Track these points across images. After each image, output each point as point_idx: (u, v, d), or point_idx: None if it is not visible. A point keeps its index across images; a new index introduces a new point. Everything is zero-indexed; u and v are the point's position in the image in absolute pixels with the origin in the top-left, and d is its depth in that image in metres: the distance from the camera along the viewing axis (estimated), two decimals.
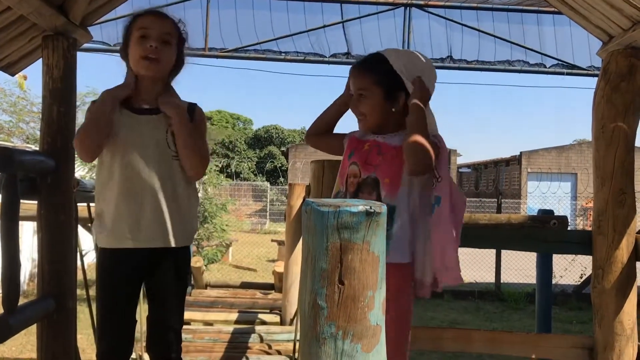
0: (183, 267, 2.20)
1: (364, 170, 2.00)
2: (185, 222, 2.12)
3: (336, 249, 0.91)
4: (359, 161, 2.03)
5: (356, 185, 2.00)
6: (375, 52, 2.12)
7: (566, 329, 6.54)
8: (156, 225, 2.04)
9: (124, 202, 2.03)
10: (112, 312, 2.11)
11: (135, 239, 2.04)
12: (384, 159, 1.98)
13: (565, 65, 6.26)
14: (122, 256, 2.06)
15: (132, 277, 2.11)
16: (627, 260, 2.49)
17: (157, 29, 2.02)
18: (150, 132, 2.05)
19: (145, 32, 2.01)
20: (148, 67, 2.02)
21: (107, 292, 2.12)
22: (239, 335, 4.40)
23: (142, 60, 2.01)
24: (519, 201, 22.58)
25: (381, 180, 1.95)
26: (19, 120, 12.45)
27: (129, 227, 2.03)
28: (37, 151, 2.62)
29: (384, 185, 1.95)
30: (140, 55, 2.01)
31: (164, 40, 2.04)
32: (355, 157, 2.05)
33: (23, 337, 4.99)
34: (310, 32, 6.27)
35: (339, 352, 0.92)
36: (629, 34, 2.37)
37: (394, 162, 1.96)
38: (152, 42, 2.00)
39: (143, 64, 2.02)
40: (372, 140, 2.05)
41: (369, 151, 2.03)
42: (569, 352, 2.64)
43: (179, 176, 2.09)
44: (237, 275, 10.01)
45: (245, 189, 25.58)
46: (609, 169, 2.52)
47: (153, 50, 2.00)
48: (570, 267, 8.59)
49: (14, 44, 2.71)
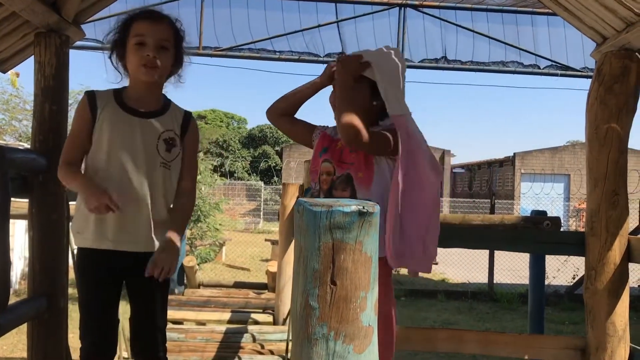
0: None
1: (339, 169, 2.03)
2: (168, 227, 2.09)
3: (328, 249, 0.91)
4: (332, 159, 2.06)
5: (330, 182, 2.04)
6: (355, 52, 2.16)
7: (558, 329, 6.56)
8: (141, 229, 2.03)
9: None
10: (93, 311, 2.08)
11: (117, 241, 2.02)
12: (357, 155, 2.00)
13: (559, 66, 6.28)
14: (102, 257, 2.04)
15: (111, 278, 2.08)
16: (619, 261, 2.50)
17: (153, 36, 2.01)
18: (141, 135, 2.04)
19: (142, 39, 2.00)
20: (147, 74, 2.02)
21: (86, 292, 2.10)
22: (232, 335, 4.39)
23: (141, 67, 2.01)
24: (512, 202, 22.63)
25: (354, 175, 1.99)
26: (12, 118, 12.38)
27: (112, 229, 2.01)
28: (28, 149, 2.61)
29: (357, 180, 1.99)
30: (139, 63, 2.01)
31: (161, 46, 2.03)
32: (328, 154, 2.08)
33: (14, 336, 4.95)
34: (305, 31, 6.26)
35: (330, 353, 0.91)
36: (623, 36, 2.38)
37: (365, 157, 2.00)
38: (150, 51, 1.99)
39: (142, 71, 2.01)
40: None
41: (342, 149, 2.06)
42: (561, 353, 2.65)
43: (167, 183, 2.08)
44: (230, 274, 9.99)
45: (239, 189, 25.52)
46: (602, 170, 2.53)
47: (151, 59, 2.00)
48: (562, 268, 8.62)
49: (6, 41, 2.69)
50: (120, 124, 2.04)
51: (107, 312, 2.11)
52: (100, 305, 2.09)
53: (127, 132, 2.03)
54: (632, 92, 2.51)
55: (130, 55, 2.02)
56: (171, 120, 2.11)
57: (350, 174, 2.01)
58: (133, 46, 2.01)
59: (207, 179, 11.11)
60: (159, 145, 2.05)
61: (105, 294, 2.09)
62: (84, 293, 2.11)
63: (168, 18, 2.10)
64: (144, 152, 2.03)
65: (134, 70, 2.04)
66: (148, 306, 2.12)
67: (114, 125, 2.03)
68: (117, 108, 2.05)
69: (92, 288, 2.09)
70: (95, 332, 2.09)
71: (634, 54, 2.49)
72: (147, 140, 2.04)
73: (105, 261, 2.04)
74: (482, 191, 28.76)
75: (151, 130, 2.05)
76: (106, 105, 2.05)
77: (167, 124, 2.09)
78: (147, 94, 2.09)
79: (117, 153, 2.01)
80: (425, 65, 6.40)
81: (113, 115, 2.03)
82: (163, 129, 2.07)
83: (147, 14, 2.06)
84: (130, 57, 2.03)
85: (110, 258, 2.04)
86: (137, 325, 2.15)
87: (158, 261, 1.96)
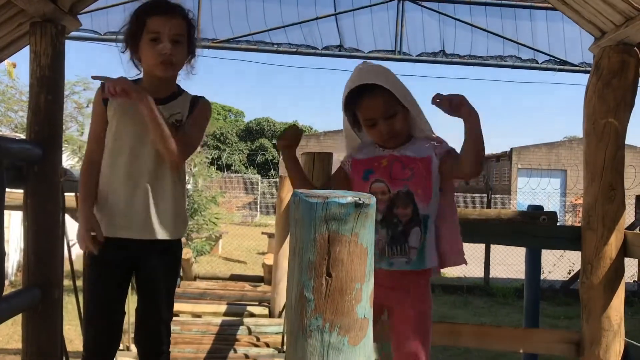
0: (174, 260, 2.19)
1: (393, 186, 2.01)
2: (175, 216, 2.11)
3: (324, 241, 0.90)
4: (384, 177, 2.03)
5: (387, 201, 2.01)
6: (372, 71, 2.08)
7: (554, 324, 6.58)
8: (147, 217, 2.03)
9: (118, 191, 2.03)
10: (100, 303, 2.09)
11: (125, 227, 2.03)
12: (412, 172, 2.01)
13: (557, 61, 6.27)
14: (112, 246, 2.05)
15: (121, 269, 2.10)
16: (615, 256, 2.50)
17: (168, 32, 2.00)
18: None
19: (157, 35, 2.00)
20: (165, 70, 2.04)
21: (95, 282, 2.11)
22: (228, 327, 4.40)
23: (159, 65, 2.01)
24: (509, 197, 22.68)
25: (414, 192, 1.99)
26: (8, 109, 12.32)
27: (120, 217, 2.03)
28: (24, 139, 2.59)
29: (417, 197, 1.99)
30: (155, 60, 2.01)
31: (176, 41, 2.03)
32: (377, 175, 2.05)
33: (10, 328, 4.95)
34: (303, 23, 6.23)
35: (325, 345, 0.91)
36: (622, 30, 2.37)
37: (422, 174, 2.00)
38: (166, 49, 1.99)
39: (160, 68, 2.02)
40: (389, 155, 2.06)
41: (390, 166, 2.04)
42: (557, 347, 2.65)
43: (173, 170, 2.08)
44: (227, 267, 9.99)
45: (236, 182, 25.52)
46: (599, 165, 2.53)
47: (168, 57, 2.00)
48: (558, 262, 8.65)
49: (1, 31, 2.67)
50: (129, 111, 2.03)
51: (115, 305, 2.11)
52: (108, 298, 2.10)
53: (136, 117, 2.01)
54: (630, 86, 2.50)
55: (146, 50, 2.02)
56: (179, 105, 2.12)
57: (410, 191, 2.00)
58: (148, 42, 2.00)
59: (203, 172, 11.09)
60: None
61: (114, 286, 2.10)
62: (92, 283, 2.12)
63: (181, 9, 2.09)
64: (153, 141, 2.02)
65: (150, 66, 2.05)
66: (154, 298, 2.13)
67: (123, 111, 2.04)
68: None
69: (101, 279, 2.10)
70: (100, 325, 2.09)
71: (633, 48, 2.49)
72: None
73: (115, 250, 2.05)
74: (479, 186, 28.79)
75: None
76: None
77: (174, 109, 2.09)
78: (162, 86, 2.10)
79: (125, 138, 2.03)
80: (423, 59, 6.39)
81: (123, 102, 2.02)
82: (171, 112, 2.07)
83: (161, 9, 2.04)
84: (146, 52, 2.02)
85: (120, 247, 2.05)
86: (142, 316, 2.16)
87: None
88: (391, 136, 2.04)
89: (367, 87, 2.00)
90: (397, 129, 2.02)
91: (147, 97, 1.93)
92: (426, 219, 2.01)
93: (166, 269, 2.13)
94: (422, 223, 2.00)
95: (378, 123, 2.02)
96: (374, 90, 1.99)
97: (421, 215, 2.00)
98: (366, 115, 2.04)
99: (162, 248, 2.09)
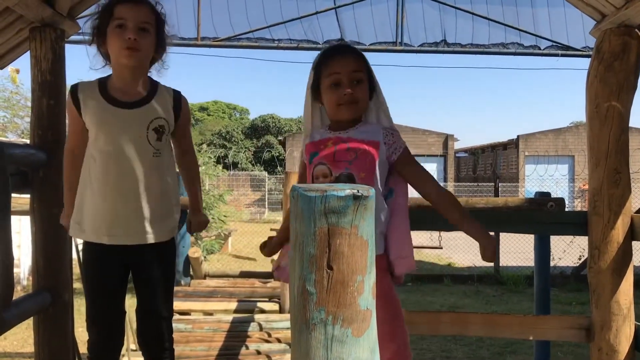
0: (168, 258, 2.18)
1: (335, 168, 1.94)
2: (164, 217, 2.11)
3: (324, 234, 0.90)
4: (326, 160, 1.97)
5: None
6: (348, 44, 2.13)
7: (565, 310, 6.57)
8: (133, 222, 2.03)
9: (102, 197, 2.01)
10: (98, 303, 2.11)
11: (111, 235, 2.03)
12: (357, 154, 1.94)
13: (560, 46, 6.22)
14: (103, 250, 2.05)
15: (115, 270, 2.10)
16: (622, 240, 2.49)
17: (133, 18, 1.99)
18: (130, 127, 2.02)
19: (122, 22, 1.98)
20: (129, 56, 2.00)
21: (91, 284, 2.13)
22: (239, 324, 4.41)
23: (123, 50, 1.99)
24: (517, 184, 22.60)
25: (357, 175, 1.92)
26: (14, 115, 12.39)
27: (106, 224, 2.02)
28: (28, 144, 2.61)
29: (359, 181, 1.91)
30: (120, 47, 1.98)
31: (142, 28, 2.01)
32: (319, 157, 1.99)
33: (25, 332, 5.00)
34: (303, 18, 6.22)
35: (329, 338, 0.91)
36: (622, 12, 2.35)
37: (367, 157, 1.93)
38: (130, 33, 1.97)
39: (124, 54, 1.99)
40: (335, 137, 2.00)
41: (334, 148, 1.97)
42: (566, 333, 2.65)
43: (159, 172, 2.08)
44: (237, 265, 10.03)
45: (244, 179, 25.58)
46: (603, 149, 2.51)
47: (132, 42, 1.98)
48: (568, 249, 8.62)
49: (1, 37, 2.68)
50: (107, 119, 2.02)
51: (112, 304, 2.13)
52: (105, 297, 2.10)
53: (114, 126, 2.01)
54: (633, 69, 2.48)
55: (111, 39, 2.00)
56: (160, 106, 2.09)
57: (352, 174, 1.91)
58: (114, 29, 1.99)
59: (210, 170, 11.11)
60: (149, 136, 2.04)
61: (110, 285, 2.11)
62: (89, 285, 2.13)
63: (148, 1, 2.07)
64: (134, 144, 2.01)
65: (115, 55, 2.02)
66: (153, 297, 2.13)
67: (100, 119, 2.02)
68: (100, 101, 2.03)
69: (96, 280, 2.11)
70: (100, 324, 2.10)
71: (634, 30, 2.46)
72: (137, 132, 2.02)
73: (107, 253, 2.06)
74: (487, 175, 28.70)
75: (140, 121, 2.03)
76: (88, 99, 2.03)
77: (155, 111, 2.06)
78: (132, 80, 2.07)
79: (107, 147, 2.00)
80: (425, 49, 6.36)
81: (97, 109, 2.02)
82: (152, 117, 2.05)
83: None
84: (111, 41, 2.00)
85: (114, 250, 2.05)
86: (142, 316, 2.17)
87: (193, 227, 2.35)
88: (350, 102, 1.96)
89: (340, 52, 2.03)
90: (358, 96, 1.96)
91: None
92: None
93: (162, 267, 2.13)
94: None
95: (342, 82, 1.95)
96: (347, 52, 2.01)
97: None
98: (333, 69, 1.97)
99: (154, 249, 2.09)
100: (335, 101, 1.98)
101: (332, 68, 1.98)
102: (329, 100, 2.00)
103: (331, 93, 1.98)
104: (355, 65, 1.98)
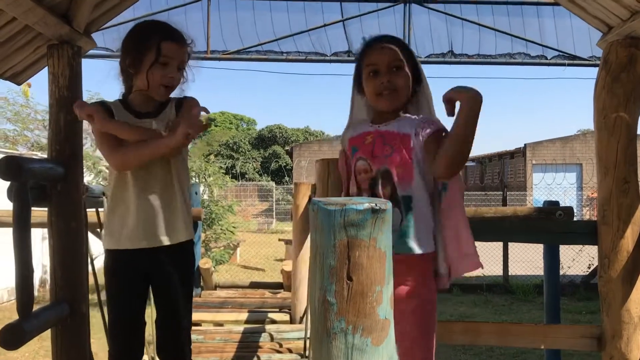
0: (186, 265, 2.21)
1: (375, 164, 1.90)
2: (185, 215, 2.16)
3: (343, 246, 0.93)
4: (365, 155, 1.93)
5: (369, 180, 1.91)
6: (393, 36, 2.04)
7: (575, 319, 6.55)
8: (155, 225, 2.09)
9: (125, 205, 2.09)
10: (121, 314, 2.15)
11: (137, 238, 2.09)
12: (392, 148, 1.88)
13: (566, 56, 6.26)
14: (124, 258, 2.11)
15: (136, 279, 2.14)
16: (632, 249, 2.50)
17: (177, 58, 2.10)
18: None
19: (167, 60, 2.07)
20: (165, 95, 2.14)
21: (113, 294, 2.16)
22: (250, 334, 4.43)
23: (161, 87, 2.10)
24: (525, 193, 22.51)
25: (393, 171, 1.86)
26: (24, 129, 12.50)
27: (130, 229, 2.09)
28: (46, 159, 2.66)
29: (397, 176, 1.85)
30: (159, 82, 2.09)
31: (180, 67, 2.13)
32: (360, 152, 1.96)
33: (36, 343, 5.03)
34: (311, 31, 6.29)
35: (349, 347, 0.94)
36: (628, 24, 2.38)
37: (401, 151, 1.87)
38: (173, 72, 2.10)
39: (161, 90, 2.11)
40: (374, 131, 1.96)
41: (373, 143, 1.93)
42: (577, 342, 2.66)
43: (174, 175, 2.13)
44: (245, 275, 10.05)
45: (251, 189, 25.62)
46: (611, 159, 2.54)
47: (171, 82, 2.11)
48: (577, 257, 8.59)
49: (20, 54, 2.74)
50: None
51: (135, 315, 2.16)
52: (128, 307, 2.14)
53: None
54: (639, 80, 2.51)
55: (153, 72, 2.07)
56: (168, 113, 2.16)
57: (389, 169, 1.86)
58: (158, 65, 2.07)
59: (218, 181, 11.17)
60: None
61: (133, 296, 2.15)
62: (112, 295, 2.17)
63: (189, 43, 2.18)
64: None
65: (153, 87, 2.10)
66: (172, 307, 2.17)
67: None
68: (127, 113, 2.13)
69: (119, 290, 2.15)
70: (123, 335, 2.14)
71: None
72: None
73: (127, 261, 2.11)
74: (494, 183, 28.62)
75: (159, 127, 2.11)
76: (118, 113, 2.12)
77: (165, 119, 2.14)
78: (153, 101, 2.17)
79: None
80: (432, 60, 6.41)
81: (127, 120, 2.11)
82: (165, 122, 2.13)
83: (176, 37, 2.12)
84: (152, 74, 2.07)
85: (131, 258, 2.10)
86: (162, 326, 2.19)
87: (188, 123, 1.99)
88: (390, 89, 1.90)
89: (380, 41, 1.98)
90: (398, 83, 1.91)
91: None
92: (407, 200, 1.84)
93: (181, 275, 2.17)
94: (403, 204, 1.84)
95: (380, 71, 1.92)
96: (386, 41, 1.96)
97: (400, 196, 1.85)
98: (371, 60, 1.93)
99: (172, 255, 2.13)
100: (373, 90, 1.94)
101: (370, 57, 1.96)
102: (369, 90, 1.97)
103: (370, 83, 1.95)
104: (394, 54, 1.92)
